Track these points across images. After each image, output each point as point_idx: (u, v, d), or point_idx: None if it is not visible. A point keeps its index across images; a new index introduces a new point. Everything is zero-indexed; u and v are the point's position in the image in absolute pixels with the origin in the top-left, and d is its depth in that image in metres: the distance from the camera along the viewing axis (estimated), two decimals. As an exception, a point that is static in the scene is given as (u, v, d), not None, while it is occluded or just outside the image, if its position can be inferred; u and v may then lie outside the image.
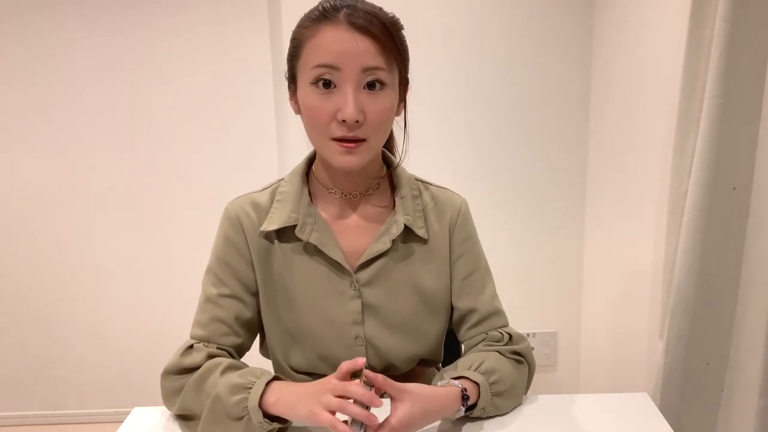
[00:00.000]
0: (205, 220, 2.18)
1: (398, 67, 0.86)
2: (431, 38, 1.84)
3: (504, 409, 0.91)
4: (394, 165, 0.98)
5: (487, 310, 0.98)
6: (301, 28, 0.85)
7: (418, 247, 0.95)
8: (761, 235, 1.10)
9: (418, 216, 0.95)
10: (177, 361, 0.89)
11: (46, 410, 2.32)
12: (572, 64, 1.86)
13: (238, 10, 2.03)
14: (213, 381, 0.84)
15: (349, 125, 0.81)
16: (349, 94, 0.80)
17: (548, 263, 2.01)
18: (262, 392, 0.80)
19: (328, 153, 0.86)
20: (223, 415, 0.81)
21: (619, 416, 0.90)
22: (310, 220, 0.92)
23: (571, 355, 2.08)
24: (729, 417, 1.20)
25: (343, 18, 0.80)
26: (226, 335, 0.92)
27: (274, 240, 0.93)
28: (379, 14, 0.82)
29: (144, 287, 2.22)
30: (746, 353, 1.15)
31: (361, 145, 0.84)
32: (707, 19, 1.13)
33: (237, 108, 2.09)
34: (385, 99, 0.84)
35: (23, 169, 2.14)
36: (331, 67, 0.80)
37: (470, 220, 1.01)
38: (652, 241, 1.51)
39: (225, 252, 0.93)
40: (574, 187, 1.95)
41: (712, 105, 1.09)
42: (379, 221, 0.95)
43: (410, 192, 0.96)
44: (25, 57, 2.06)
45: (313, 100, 0.83)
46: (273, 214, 0.92)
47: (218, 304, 0.92)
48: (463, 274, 0.98)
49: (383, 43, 0.81)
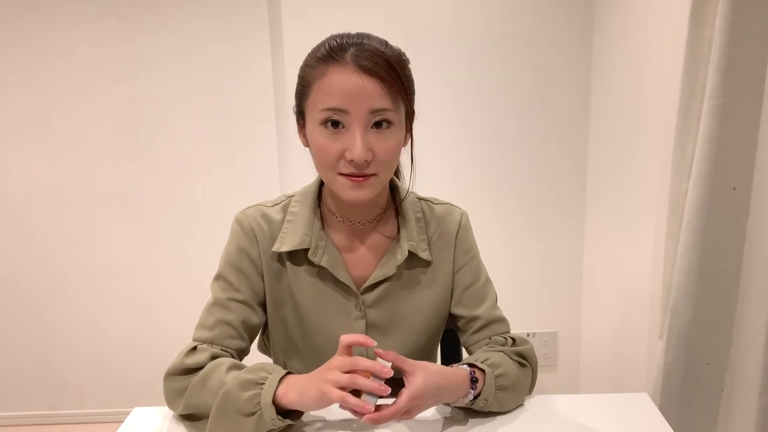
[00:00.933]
0: (206, 219, 2.20)
1: (404, 103, 0.87)
2: (431, 39, 1.84)
3: (506, 405, 0.91)
4: (402, 197, 0.99)
5: (490, 317, 1.00)
6: (309, 68, 0.85)
7: (422, 270, 0.99)
8: (761, 235, 1.09)
9: (422, 239, 0.98)
10: (180, 362, 0.88)
11: (46, 410, 2.32)
12: (572, 64, 1.86)
13: (238, 10, 2.03)
14: (218, 378, 0.83)
15: (358, 164, 0.83)
16: (357, 135, 0.82)
17: (548, 263, 2.01)
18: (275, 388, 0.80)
19: (337, 187, 0.87)
20: (234, 411, 0.80)
21: (619, 416, 0.90)
22: (321, 243, 0.94)
23: (571, 355, 2.08)
24: (729, 417, 1.20)
25: (350, 59, 0.81)
26: (232, 338, 0.93)
27: (286, 261, 0.95)
28: (385, 53, 0.83)
29: (144, 287, 2.22)
30: (746, 353, 1.15)
31: (369, 179, 0.86)
32: (707, 19, 1.13)
33: (237, 108, 2.09)
34: (392, 137, 0.86)
35: (23, 169, 2.14)
36: (340, 111, 0.82)
37: (470, 232, 1.04)
38: (653, 241, 1.51)
39: (238, 260, 0.95)
40: (575, 188, 1.95)
41: (712, 105, 1.09)
42: (385, 247, 0.98)
43: (414, 216, 0.98)
44: (24, 57, 2.06)
45: (322, 139, 0.84)
46: (285, 235, 0.94)
47: (227, 308, 0.93)
48: (463, 284, 1.01)
49: (390, 83, 0.82)
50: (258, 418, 0.79)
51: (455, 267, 1.01)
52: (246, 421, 0.79)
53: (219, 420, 0.81)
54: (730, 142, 1.10)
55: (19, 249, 2.19)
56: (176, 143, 2.12)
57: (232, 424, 0.80)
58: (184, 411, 0.88)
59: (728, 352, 1.19)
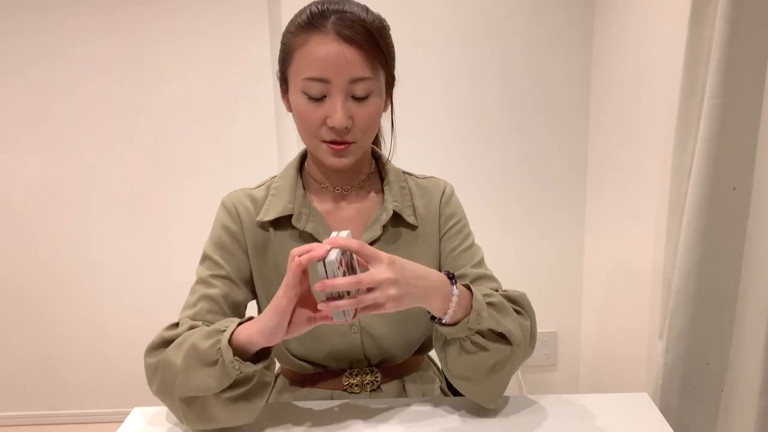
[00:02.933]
0: (206, 219, 2.18)
1: (384, 71, 0.88)
2: (429, 39, 1.84)
3: (505, 325, 0.84)
4: (383, 161, 1.01)
5: (477, 273, 0.97)
6: (291, 35, 0.86)
7: (408, 234, 0.98)
8: (761, 235, 1.09)
9: (407, 205, 0.98)
10: (159, 336, 0.87)
11: (46, 410, 2.32)
12: (572, 64, 1.86)
13: (237, 9, 2.03)
14: (191, 336, 0.81)
15: (338, 131, 0.86)
16: (338, 103, 0.84)
17: (548, 263, 2.01)
18: (234, 330, 0.78)
19: (319, 154, 0.90)
20: (198, 362, 0.78)
21: (619, 416, 0.90)
22: (305, 210, 0.95)
23: (571, 355, 2.08)
24: (729, 417, 1.20)
25: (331, 27, 0.82)
26: (213, 313, 0.91)
27: (269, 228, 0.95)
28: (366, 21, 0.84)
29: (144, 287, 2.22)
30: (746, 353, 1.15)
31: (350, 147, 0.88)
32: (707, 19, 1.13)
33: (237, 108, 2.10)
34: (372, 105, 0.87)
35: (23, 169, 2.14)
36: (321, 80, 0.83)
37: (455, 199, 1.04)
38: (652, 241, 1.51)
39: (221, 238, 0.96)
40: (575, 187, 1.95)
41: (712, 105, 1.09)
42: (370, 211, 0.98)
43: (398, 183, 0.99)
44: (24, 57, 2.06)
45: (304, 106, 0.86)
46: (269, 206, 0.95)
47: (209, 283, 0.93)
48: (450, 247, 1.00)
49: (369, 52, 0.84)
50: (221, 366, 0.76)
51: (440, 233, 1.01)
52: (211, 371, 0.77)
53: (185, 374, 0.79)
54: (730, 142, 1.10)
55: (19, 249, 2.19)
56: (176, 143, 2.12)
57: (199, 377, 0.78)
58: (160, 383, 0.84)
59: (728, 352, 1.19)
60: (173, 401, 0.82)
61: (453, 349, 0.85)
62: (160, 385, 0.84)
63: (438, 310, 0.80)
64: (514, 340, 0.85)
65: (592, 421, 0.89)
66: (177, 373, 0.80)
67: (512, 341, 0.85)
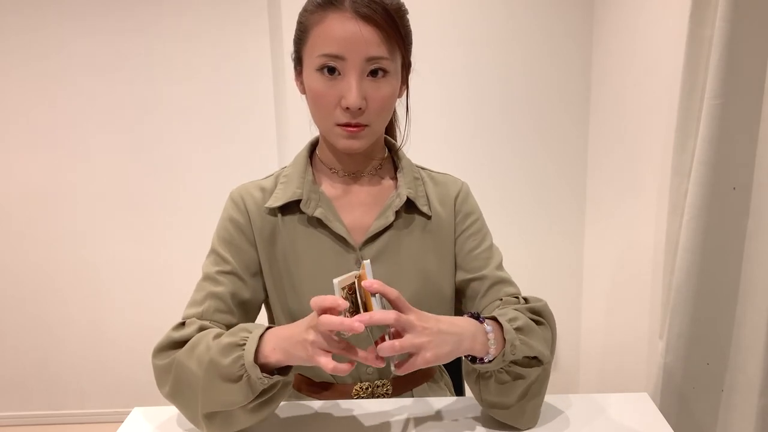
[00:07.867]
0: (206, 219, 2.18)
1: (401, 53, 0.87)
2: (432, 38, 1.84)
3: (536, 347, 0.82)
4: (396, 148, 1.00)
5: (496, 277, 0.96)
6: (308, 13, 0.86)
7: (421, 222, 0.96)
8: (761, 235, 1.09)
9: (421, 194, 0.96)
10: (167, 337, 0.85)
11: (46, 410, 2.32)
12: (572, 63, 1.86)
13: (238, 10, 2.03)
14: (206, 344, 0.79)
15: (353, 112, 0.84)
16: (352, 82, 0.82)
17: (548, 263, 2.01)
18: (257, 346, 0.76)
19: (332, 137, 0.89)
20: (221, 379, 0.76)
21: (619, 416, 0.90)
22: (314, 196, 0.93)
23: (571, 355, 2.08)
24: (729, 417, 1.20)
25: (349, 5, 0.81)
26: (221, 312, 0.89)
27: (278, 214, 0.93)
28: (384, 1, 0.83)
29: (144, 287, 2.22)
30: (746, 353, 1.15)
31: (363, 130, 0.86)
32: (707, 19, 1.13)
33: (237, 109, 2.09)
34: (387, 86, 0.86)
35: (23, 169, 2.14)
36: (336, 57, 0.82)
37: (472, 198, 1.02)
38: (652, 241, 1.51)
39: (227, 231, 0.94)
40: (575, 188, 1.95)
41: (712, 105, 1.09)
42: (383, 198, 0.96)
43: (411, 173, 0.98)
44: (24, 57, 2.06)
45: (319, 86, 0.85)
46: (277, 193, 0.94)
47: (216, 281, 0.91)
48: (469, 247, 0.98)
49: (387, 32, 0.82)
50: (246, 381, 0.75)
51: (456, 232, 0.98)
52: (236, 388, 0.76)
53: (209, 391, 0.78)
54: (730, 142, 1.10)
55: (18, 249, 2.19)
56: (176, 143, 2.12)
57: (223, 393, 0.77)
58: (173, 386, 0.83)
59: (728, 352, 1.19)
60: (195, 415, 0.81)
61: (489, 382, 0.83)
62: (173, 389, 0.82)
63: (478, 351, 0.78)
64: (544, 359, 0.84)
65: (592, 421, 0.89)
66: (197, 389, 0.78)
67: (543, 360, 0.84)
